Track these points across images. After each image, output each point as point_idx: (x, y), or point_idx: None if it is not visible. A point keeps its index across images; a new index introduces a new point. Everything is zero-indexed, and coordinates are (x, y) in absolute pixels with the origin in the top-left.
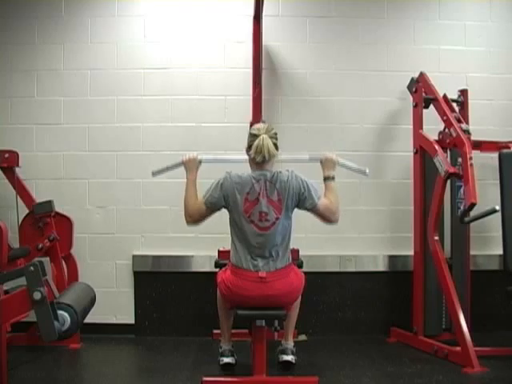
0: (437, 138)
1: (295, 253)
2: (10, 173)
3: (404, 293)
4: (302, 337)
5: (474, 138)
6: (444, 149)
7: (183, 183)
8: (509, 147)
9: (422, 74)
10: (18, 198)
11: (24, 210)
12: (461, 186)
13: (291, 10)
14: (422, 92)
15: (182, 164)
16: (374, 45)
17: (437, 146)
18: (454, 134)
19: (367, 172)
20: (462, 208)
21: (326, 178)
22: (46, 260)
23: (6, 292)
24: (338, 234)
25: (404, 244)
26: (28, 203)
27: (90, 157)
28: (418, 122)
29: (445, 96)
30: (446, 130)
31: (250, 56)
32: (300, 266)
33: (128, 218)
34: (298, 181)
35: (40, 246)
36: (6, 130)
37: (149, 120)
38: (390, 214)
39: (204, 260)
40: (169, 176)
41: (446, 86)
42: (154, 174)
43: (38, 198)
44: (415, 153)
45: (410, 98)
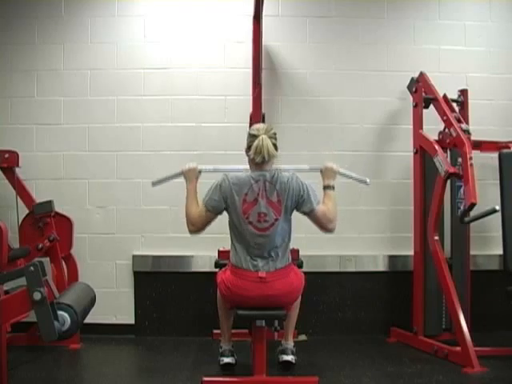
0: (437, 138)
1: (295, 253)
2: (10, 173)
3: (404, 293)
4: (302, 337)
5: (474, 138)
6: (444, 149)
7: (183, 183)
8: (509, 147)
9: (421, 74)
10: (18, 198)
11: (24, 210)
12: (461, 186)
13: (291, 10)
14: (421, 92)
15: (181, 174)
16: (373, 45)
17: (437, 146)
18: (454, 134)
19: (368, 181)
20: (461, 208)
21: (326, 187)
22: (46, 260)
23: (6, 292)
24: (338, 234)
25: (404, 244)
26: (28, 203)
27: (89, 157)
28: (417, 122)
29: (445, 96)
30: (446, 130)
31: (249, 56)
32: (300, 266)
33: (128, 218)
34: (299, 183)
35: (40, 246)
36: (5, 130)
37: (149, 120)
38: (390, 214)
39: (204, 260)
40: None
41: (446, 86)
42: (153, 184)
43: (38, 198)
44: (415, 153)
45: (410, 98)
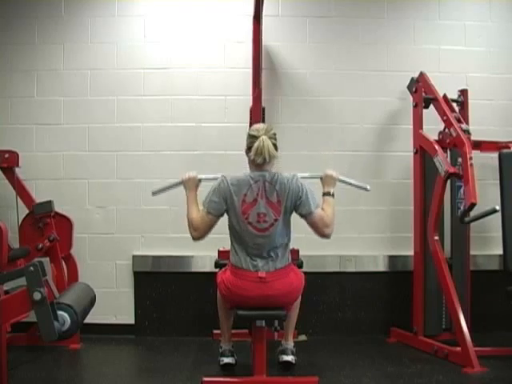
0: (437, 138)
1: (295, 253)
2: (9, 173)
3: (404, 293)
4: (302, 337)
5: (473, 138)
6: (444, 149)
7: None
8: (509, 147)
9: (421, 74)
10: (18, 198)
11: (24, 210)
12: (461, 186)
13: (291, 10)
14: (421, 92)
15: (181, 183)
16: (373, 45)
17: (437, 146)
18: (454, 134)
19: (368, 188)
20: (462, 208)
21: (326, 194)
22: (46, 260)
23: (6, 292)
24: (337, 234)
25: (404, 244)
26: (28, 203)
27: (89, 157)
28: (417, 122)
29: (445, 96)
30: (446, 130)
31: (249, 56)
32: (300, 266)
33: (128, 218)
34: (298, 184)
35: (40, 246)
36: (5, 130)
37: (149, 120)
38: (390, 214)
39: (204, 260)
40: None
41: (446, 86)
42: (153, 193)
43: (38, 198)
44: (415, 153)
45: (410, 98)
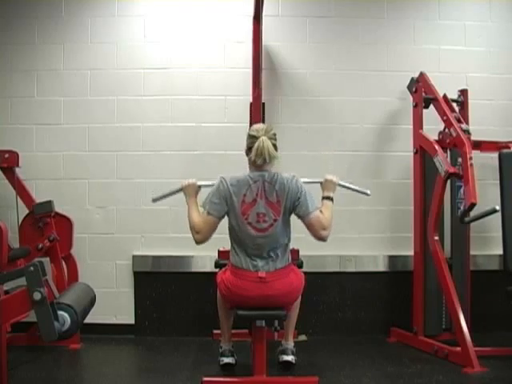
0: (437, 138)
1: (295, 253)
2: (9, 173)
3: (404, 293)
4: (302, 337)
5: (473, 138)
6: (444, 149)
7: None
8: (509, 147)
9: (422, 74)
10: (18, 198)
11: (24, 210)
12: (461, 186)
13: (291, 10)
14: (421, 92)
15: (181, 190)
16: (373, 45)
17: (437, 146)
18: (454, 134)
19: (369, 193)
20: (462, 208)
21: (325, 198)
22: (46, 260)
23: (6, 292)
24: (337, 234)
25: (404, 244)
26: (28, 203)
27: (89, 157)
28: (417, 122)
29: (445, 96)
30: (446, 130)
31: (249, 56)
32: (300, 266)
33: (128, 218)
34: (298, 185)
35: (40, 246)
36: (5, 130)
37: (149, 120)
38: (390, 214)
39: (204, 260)
40: (169, 176)
41: (446, 86)
42: (153, 200)
43: (38, 198)
44: (415, 153)
45: (410, 98)
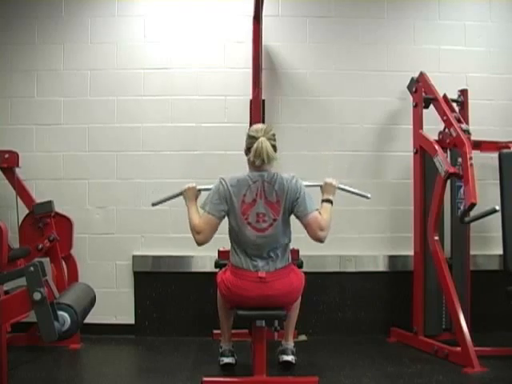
0: (437, 138)
1: (295, 253)
2: (9, 173)
3: (404, 293)
4: (302, 337)
5: (474, 138)
6: (444, 149)
7: (183, 183)
8: (509, 147)
9: (421, 74)
10: (18, 198)
11: (24, 210)
12: (461, 186)
13: (291, 10)
14: (421, 92)
15: (181, 194)
16: (373, 45)
17: (437, 146)
18: (454, 134)
19: (369, 196)
20: (461, 208)
21: (324, 200)
22: (46, 260)
23: (6, 292)
24: (337, 234)
25: (404, 244)
26: (28, 203)
27: (89, 157)
28: (417, 122)
29: (445, 96)
30: (446, 130)
31: (249, 56)
32: (300, 266)
33: (128, 218)
34: (297, 185)
35: (40, 246)
36: (5, 130)
37: (149, 120)
38: (390, 214)
39: (204, 260)
40: (169, 176)
41: (446, 86)
42: (153, 204)
43: (38, 198)
44: (415, 153)
45: (410, 98)
